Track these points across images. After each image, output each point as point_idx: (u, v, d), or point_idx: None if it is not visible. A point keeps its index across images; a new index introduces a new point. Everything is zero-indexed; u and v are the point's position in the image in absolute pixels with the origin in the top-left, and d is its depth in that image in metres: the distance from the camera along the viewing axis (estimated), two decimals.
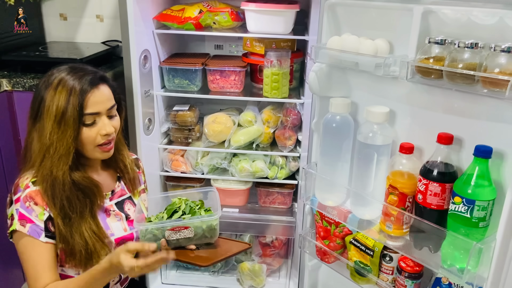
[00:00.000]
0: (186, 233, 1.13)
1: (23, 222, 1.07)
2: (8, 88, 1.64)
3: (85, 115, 1.08)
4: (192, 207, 1.21)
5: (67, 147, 1.07)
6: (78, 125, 1.07)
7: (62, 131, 1.06)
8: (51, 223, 1.10)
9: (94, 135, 1.10)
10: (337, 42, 1.19)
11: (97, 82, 1.10)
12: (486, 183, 0.97)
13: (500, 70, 0.88)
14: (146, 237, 1.13)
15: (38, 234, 1.08)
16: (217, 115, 1.72)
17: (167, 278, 1.88)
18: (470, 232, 0.98)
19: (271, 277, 1.91)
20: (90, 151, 1.13)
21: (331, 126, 1.25)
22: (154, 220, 1.18)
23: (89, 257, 1.10)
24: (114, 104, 1.14)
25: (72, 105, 1.06)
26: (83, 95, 1.07)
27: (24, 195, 1.08)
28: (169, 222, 1.13)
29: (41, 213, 1.09)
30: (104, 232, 1.15)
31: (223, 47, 1.94)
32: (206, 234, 1.16)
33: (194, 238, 1.15)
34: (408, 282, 1.20)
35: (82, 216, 1.11)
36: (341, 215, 1.30)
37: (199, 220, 1.14)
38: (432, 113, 1.12)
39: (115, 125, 1.15)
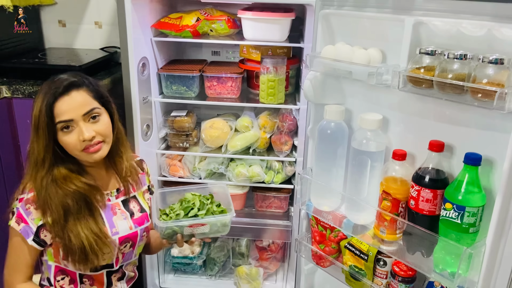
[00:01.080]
0: (203, 229, 1.24)
1: (18, 220, 1.13)
2: (7, 95, 1.66)
3: (58, 123, 1.10)
4: (204, 202, 1.29)
5: (41, 154, 1.10)
6: (50, 133, 1.09)
7: (37, 139, 1.10)
8: (45, 230, 1.13)
9: (74, 141, 1.11)
10: (331, 51, 1.22)
11: (68, 89, 1.10)
12: (476, 190, 0.99)
13: (488, 81, 0.91)
14: (165, 233, 1.24)
15: (27, 235, 1.13)
16: (214, 121, 1.74)
17: (165, 282, 1.90)
18: (461, 238, 1.01)
19: (268, 280, 1.93)
20: (78, 156, 1.15)
21: (326, 132, 1.28)
22: (169, 213, 1.26)
23: (86, 257, 1.13)
24: (92, 108, 1.13)
25: (42, 114, 1.08)
26: (52, 103, 1.08)
27: (27, 197, 1.14)
28: (189, 221, 1.22)
29: (37, 218, 1.13)
30: (105, 232, 1.17)
31: (220, 53, 1.96)
32: (219, 229, 1.27)
33: (208, 233, 1.26)
34: (401, 286, 1.22)
35: (77, 218, 1.13)
36: (336, 220, 1.32)
37: (216, 219, 1.24)
38: (424, 121, 1.15)
39: (98, 129, 1.14)
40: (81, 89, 1.13)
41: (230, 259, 1.95)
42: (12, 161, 1.72)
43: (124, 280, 1.31)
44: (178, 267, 1.95)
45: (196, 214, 1.25)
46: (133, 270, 1.35)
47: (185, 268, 1.94)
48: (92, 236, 1.13)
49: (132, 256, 1.30)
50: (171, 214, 1.26)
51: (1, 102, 1.65)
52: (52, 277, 1.21)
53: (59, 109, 1.09)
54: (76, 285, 1.22)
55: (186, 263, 1.92)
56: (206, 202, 1.30)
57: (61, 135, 1.11)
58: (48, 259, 1.20)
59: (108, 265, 1.23)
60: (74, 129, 1.11)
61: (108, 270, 1.24)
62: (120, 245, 1.22)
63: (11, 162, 1.71)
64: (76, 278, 1.21)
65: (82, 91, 1.13)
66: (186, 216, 1.24)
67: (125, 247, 1.24)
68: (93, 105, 1.14)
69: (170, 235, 1.25)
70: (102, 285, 1.25)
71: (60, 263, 1.19)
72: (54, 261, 1.19)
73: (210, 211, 1.27)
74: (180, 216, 1.24)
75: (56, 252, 1.17)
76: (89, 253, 1.12)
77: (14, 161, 1.73)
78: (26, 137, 1.69)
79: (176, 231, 1.24)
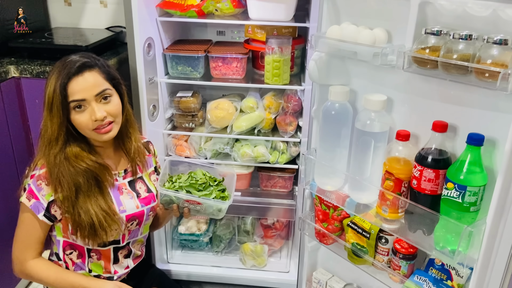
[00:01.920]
0: (198, 208, 1.28)
1: (29, 196, 1.17)
2: (16, 75, 1.67)
3: (70, 102, 1.13)
4: (210, 184, 1.32)
5: (55, 132, 1.13)
6: (64, 112, 1.12)
7: (50, 117, 1.13)
8: (56, 205, 1.17)
9: (86, 120, 1.15)
10: (336, 31, 1.22)
11: (82, 69, 1.13)
12: (477, 170, 1.00)
13: (493, 61, 0.91)
14: (163, 199, 1.29)
15: (38, 210, 1.17)
16: (219, 101, 1.75)
17: (173, 258, 1.95)
18: (462, 216, 1.03)
19: (272, 257, 1.97)
20: (89, 135, 1.18)
21: (330, 113, 1.29)
22: (175, 181, 1.31)
23: (95, 233, 1.17)
24: (104, 89, 1.16)
25: (56, 93, 1.11)
26: (65, 83, 1.11)
27: (39, 174, 1.17)
28: (186, 196, 1.26)
29: (49, 194, 1.17)
30: (114, 209, 1.21)
31: (225, 33, 1.96)
32: (214, 213, 1.30)
33: (202, 212, 1.30)
34: (402, 263, 1.25)
35: (87, 196, 1.17)
36: (339, 199, 1.34)
37: (212, 202, 1.26)
38: (428, 101, 1.15)
39: (109, 109, 1.17)
40: (93, 70, 1.15)
41: (235, 237, 1.99)
42: (22, 140, 1.75)
43: (130, 258, 1.35)
44: (185, 243, 2.00)
45: (197, 189, 1.28)
46: (140, 249, 1.39)
47: (192, 244, 1.99)
48: (101, 212, 1.16)
49: (138, 234, 1.34)
50: (176, 183, 1.30)
51: (10, 82, 1.67)
52: (60, 252, 1.25)
53: (72, 89, 1.12)
54: (84, 259, 1.26)
55: (193, 240, 1.96)
56: (212, 184, 1.32)
57: (74, 114, 1.14)
58: (56, 234, 1.24)
59: (115, 241, 1.27)
60: (86, 109, 1.14)
61: (115, 246, 1.28)
62: (127, 223, 1.26)
63: (21, 141, 1.74)
64: (84, 252, 1.25)
65: (94, 72, 1.16)
66: (187, 191, 1.28)
67: (131, 225, 1.28)
68: (105, 86, 1.17)
69: (167, 203, 1.29)
70: (109, 260, 1.29)
71: (69, 238, 1.23)
72: (63, 236, 1.23)
73: (212, 193, 1.29)
74: (181, 190, 1.28)
75: (65, 227, 1.21)
76: (98, 229, 1.16)
77: (24, 140, 1.76)
78: (35, 116, 1.73)
79: (173, 201, 1.28)
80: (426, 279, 1.22)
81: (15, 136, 1.71)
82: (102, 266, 1.29)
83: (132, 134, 1.29)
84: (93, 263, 1.28)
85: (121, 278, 1.35)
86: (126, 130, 1.28)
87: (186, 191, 1.27)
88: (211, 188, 1.31)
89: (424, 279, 1.22)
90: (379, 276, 1.33)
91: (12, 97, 1.68)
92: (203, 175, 1.34)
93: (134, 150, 1.30)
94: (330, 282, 1.57)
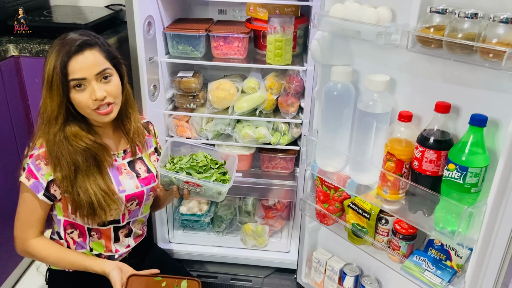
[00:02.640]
0: (197, 190, 1.27)
1: (29, 176, 1.17)
2: (15, 54, 1.66)
3: (70, 81, 1.11)
4: (212, 167, 1.31)
5: (54, 111, 1.13)
6: (64, 90, 1.11)
7: (50, 96, 1.12)
8: (55, 185, 1.18)
9: (86, 99, 1.13)
10: (340, 10, 1.20)
11: (82, 48, 1.12)
12: (480, 151, 1.00)
13: (498, 41, 0.89)
14: (162, 180, 1.29)
15: (38, 190, 1.17)
16: (220, 82, 1.74)
17: (174, 237, 1.97)
18: (463, 197, 1.03)
19: (273, 237, 1.99)
20: (89, 115, 1.17)
21: (332, 94, 1.28)
22: (176, 163, 1.30)
23: (94, 212, 1.18)
24: (104, 68, 1.14)
25: (56, 72, 1.10)
26: (66, 61, 1.10)
27: (38, 153, 1.17)
28: (186, 177, 1.25)
29: (48, 173, 1.17)
30: (113, 189, 1.22)
31: (227, 12, 1.93)
32: (214, 195, 1.29)
33: (202, 195, 1.29)
34: (402, 243, 1.26)
35: (86, 175, 1.17)
36: (340, 180, 1.34)
37: (211, 184, 1.25)
38: (431, 82, 1.14)
39: (109, 89, 1.16)
40: (94, 48, 1.14)
41: (237, 217, 2.01)
42: (22, 119, 1.75)
43: (131, 237, 1.36)
44: (187, 224, 2.01)
45: (198, 171, 1.28)
46: (141, 228, 1.41)
47: (193, 225, 2.00)
48: (100, 192, 1.17)
49: (139, 214, 1.34)
50: (177, 164, 1.29)
51: (9, 61, 1.66)
52: (61, 231, 1.26)
53: (72, 67, 1.11)
54: (85, 238, 1.27)
55: (194, 220, 1.98)
56: (213, 167, 1.31)
57: (73, 93, 1.13)
58: (57, 214, 1.25)
59: (115, 221, 1.28)
60: (86, 88, 1.13)
61: (115, 225, 1.29)
62: (127, 203, 1.26)
63: (21, 120, 1.74)
64: (85, 231, 1.26)
65: (95, 50, 1.14)
66: (188, 173, 1.27)
67: (131, 205, 1.28)
68: (106, 65, 1.15)
69: (167, 184, 1.29)
70: (110, 239, 1.30)
71: (69, 217, 1.24)
72: (63, 215, 1.24)
73: (212, 176, 1.28)
74: (182, 171, 1.27)
75: (65, 207, 1.22)
76: (97, 208, 1.17)
77: (24, 119, 1.75)
78: (35, 95, 1.73)
79: (173, 182, 1.28)
80: (425, 259, 1.23)
81: (15, 115, 1.70)
82: (103, 245, 1.30)
83: (131, 114, 1.29)
84: (94, 242, 1.29)
85: (122, 257, 1.36)
86: (126, 110, 1.27)
87: (186, 173, 1.27)
88: (211, 171, 1.30)
89: (423, 259, 1.23)
90: (378, 256, 1.35)
91: (12, 76, 1.67)
92: (204, 157, 1.33)
93: (133, 130, 1.29)
94: (330, 262, 1.58)
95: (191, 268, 1.87)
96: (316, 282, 1.67)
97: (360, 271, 1.53)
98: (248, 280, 1.84)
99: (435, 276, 1.18)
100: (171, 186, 1.29)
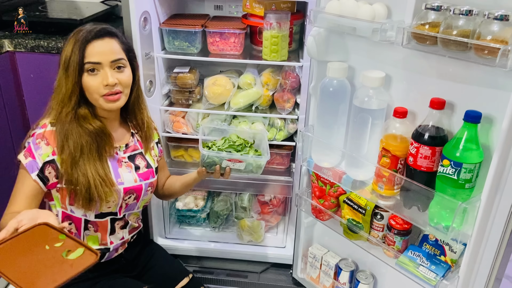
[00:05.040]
0: (239, 165, 1.34)
1: (26, 154, 1.17)
2: (10, 49, 1.65)
3: (86, 63, 1.14)
4: (246, 146, 1.41)
5: (69, 90, 1.15)
6: (79, 71, 1.14)
7: (66, 76, 1.15)
8: (51, 167, 1.17)
9: (97, 84, 1.16)
10: (335, 6, 1.20)
11: (103, 34, 1.16)
12: (474, 147, 1.01)
13: (493, 38, 0.90)
14: (206, 161, 1.34)
15: (32, 169, 1.16)
16: (217, 78, 1.74)
17: (171, 233, 1.97)
18: (457, 193, 1.04)
19: (269, 232, 2.00)
20: (96, 101, 1.19)
21: (328, 90, 1.28)
22: (211, 146, 1.39)
23: (91, 198, 1.18)
24: (119, 58, 1.18)
25: (74, 53, 1.14)
26: (85, 44, 1.14)
27: (39, 132, 1.18)
28: (229, 155, 1.34)
29: (45, 154, 1.17)
30: (111, 179, 1.22)
31: (223, 7, 1.92)
32: (253, 170, 1.37)
33: (243, 170, 1.37)
34: (397, 238, 1.27)
35: (88, 158, 1.18)
36: (336, 176, 1.35)
37: (252, 159, 1.34)
38: (426, 78, 1.15)
39: (121, 78, 1.18)
40: (113, 37, 1.19)
41: (233, 213, 2.01)
42: (17, 115, 1.74)
43: (127, 229, 1.37)
44: (183, 219, 2.02)
45: (236, 150, 1.37)
46: (136, 221, 1.41)
47: (189, 220, 2.01)
48: (98, 178, 1.18)
49: (135, 207, 1.35)
50: (214, 146, 1.37)
51: (4, 56, 1.65)
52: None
53: (91, 50, 1.14)
54: (80, 232, 1.28)
55: (190, 215, 1.98)
56: (247, 145, 1.41)
57: (86, 76, 1.16)
58: (56, 205, 1.25)
59: (113, 213, 1.28)
60: (99, 73, 1.16)
61: (112, 217, 1.29)
62: (125, 196, 1.27)
63: (16, 116, 1.74)
64: (81, 224, 1.26)
65: (114, 39, 1.19)
66: (228, 152, 1.35)
67: (129, 198, 1.29)
68: (121, 55, 1.19)
69: (210, 164, 1.34)
70: (106, 231, 1.31)
71: (67, 209, 1.24)
72: (61, 207, 1.24)
73: (249, 152, 1.38)
74: (221, 152, 1.35)
75: (63, 198, 1.22)
76: (94, 193, 1.18)
77: (20, 114, 1.75)
78: (30, 91, 1.72)
79: (215, 162, 1.33)
80: (420, 254, 1.24)
81: (11, 110, 1.70)
82: (98, 238, 1.30)
83: (143, 109, 1.33)
84: (90, 236, 1.29)
85: (118, 251, 1.37)
86: (138, 104, 1.31)
87: (226, 152, 1.34)
88: (247, 149, 1.39)
89: (417, 254, 1.24)
90: (373, 251, 1.36)
91: (7, 72, 1.66)
92: (237, 138, 1.42)
93: (146, 124, 1.33)
94: (325, 257, 1.59)
95: (187, 263, 1.87)
96: (311, 277, 1.68)
97: (355, 266, 1.54)
98: (244, 275, 1.85)
99: (429, 271, 1.19)
100: (213, 167, 1.34)
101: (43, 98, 1.24)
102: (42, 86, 1.68)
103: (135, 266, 1.42)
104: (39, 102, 1.29)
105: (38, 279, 0.88)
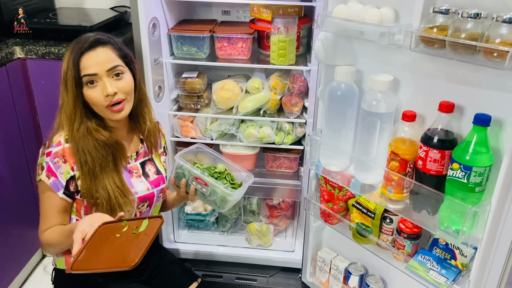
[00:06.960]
0: (204, 190, 1.27)
1: (49, 174, 1.18)
2: (21, 56, 1.68)
3: (83, 77, 1.14)
4: (226, 179, 1.32)
5: (71, 106, 1.16)
6: (78, 86, 1.15)
7: (66, 92, 1.16)
8: (74, 183, 1.19)
9: (98, 95, 1.16)
10: (343, 10, 1.20)
11: (95, 45, 1.15)
12: (483, 150, 1.00)
13: (501, 41, 0.89)
14: (176, 170, 1.31)
15: (58, 188, 1.18)
16: (225, 82, 1.75)
17: (180, 237, 1.98)
18: (467, 197, 1.03)
19: (278, 236, 2.00)
20: (102, 112, 1.19)
21: (336, 94, 1.28)
22: (197, 165, 1.33)
23: (112, 209, 1.19)
24: (116, 65, 1.17)
25: (70, 68, 1.14)
26: (79, 57, 1.14)
27: (56, 151, 1.18)
28: (198, 171, 1.28)
29: (66, 171, 1.18)
30: (128, 189, 1.23)
31: (230, 13, 1.94)
32: (217, 202, 1.27)
33: (207, 197, 1.28)
34: (407, 242, 1.27)
35: (106, 171, 1.19)
36: (345, 180, 1.35)
37: (219, 187, 1.25)
38: (435, 81, 1.14)
39: (121, 86, 1.17)
40: (106, 46, 1.17)
41: (241, 217, 2.01)
42: (29, 121, 1.76)
43: None
44: (192, 223, 2.02)
45: (211, 174, 1.30)
46: None
47: (198, 224, 2.02)
48: (117, 189, 1.19)
49: (148, 215, 1.36)
50: (196, 164, 1.33)
51: (16, 63, 1.67)
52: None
53: (84, 63, 1.14)
54: None
55: (199, 219, 1.99)
56: (228, 179, 1.33)
57: (86, 89, 1.16)
58: (70, 213, 1.26)
59: None
60: (98, 84, 1.16)
61: None
62: (139, 204, 1.28)
63: (28, 122, 1.76)
64: None
65: (107, 48, 1.17)
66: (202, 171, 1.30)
67: (142, 206, 1.30)
68: (117, 62, 1.18)
69: (178, 176, 1.31)
70: None
71: (82, 217, 1.25)
72: (76, 215, 1.25)
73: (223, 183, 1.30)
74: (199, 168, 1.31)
75: (78, 206, 1.23)
76: (114, 205, 1.18)
77: (31, 120, 1.77)
78: (42, 97, 1.74)
79: (184, 175, 1.29)
80: (430, 258, 1.23)
81: (22, 117, 1.72)
82: None
83: (146, 114, 1.31)
84: None
85: None
86: (141, 109, 1.29)
87: (200, 171, 1.29)
88: (224, 180, 1.31)
89: (428, 259, 1.23)
90: (383, 255, 1.35)
91: (18, 78, 1.69)
92: (224, 169, 1.35)
93: (149, 130, 1.31)
94: (334, 261, 1.59)
95: (196, 267, 1.88)
96: (321, 281, 1.68)
97: (365, 270, 1.53)
98: (253, 279, 1.85)
99: (440, 275, 1.18)
100: (180, 180, 1.30)
101: (54, 104, 1.25)
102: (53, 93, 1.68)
103: (144, 271, 1.43)
104: (50, 108, 1.30)
105: (126, 256, 0.97)
